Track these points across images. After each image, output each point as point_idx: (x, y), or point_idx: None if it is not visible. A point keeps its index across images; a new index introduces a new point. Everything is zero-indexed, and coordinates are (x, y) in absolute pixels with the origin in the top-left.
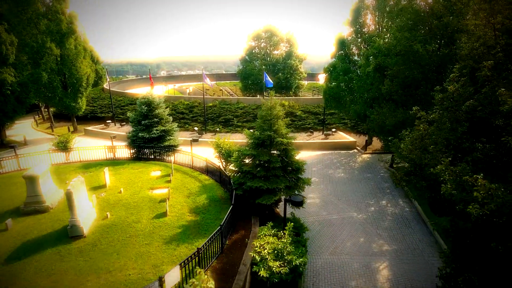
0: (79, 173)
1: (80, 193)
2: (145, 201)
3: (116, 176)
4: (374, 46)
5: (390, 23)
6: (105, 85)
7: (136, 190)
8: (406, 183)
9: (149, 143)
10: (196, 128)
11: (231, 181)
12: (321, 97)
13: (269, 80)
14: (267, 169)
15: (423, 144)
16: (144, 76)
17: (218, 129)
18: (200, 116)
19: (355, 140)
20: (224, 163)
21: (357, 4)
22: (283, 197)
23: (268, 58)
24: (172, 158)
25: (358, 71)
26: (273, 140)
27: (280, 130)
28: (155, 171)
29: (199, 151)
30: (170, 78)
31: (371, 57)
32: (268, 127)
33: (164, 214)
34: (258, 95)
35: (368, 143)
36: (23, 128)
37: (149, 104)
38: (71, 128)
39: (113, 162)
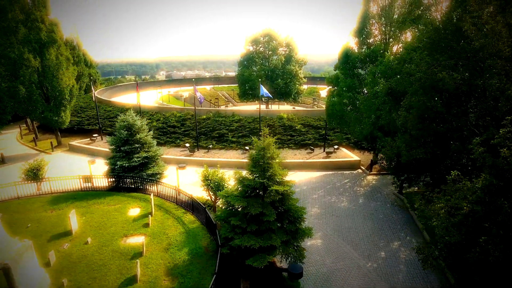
0: (47, 210)
1: (26, 262)
2: (114, 257)
3: (87, 216)
4: (383, 62)
5: (398, 32)
6: (95, 93)
7: (106, 238)
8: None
9: (130, 172)
10: (187, 145)
11: (217, 234)
12: (323, 108)
13: (266, 92)
14: (260, 222)
15: (468, 226)
16: (139, 80)
17: (211, 145)
18: (193, 130)
19: (359, 159)
20: (213, 196)
21: (363, 12)
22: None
23: (267, 63)
24: (155, 188)
25: (365, 89)
26: (266, 187)
27: (275, 175)
28: (133, 208)
29: (188, 174)
30: (167, 82)
31: (379, 74)
32: (260, 172)
33: (134, 279)
34: (256, 101)
35: (374, 162)
36: (7, 140)
37: (130, 128)
38: (54, 143)
39: (89, 194)
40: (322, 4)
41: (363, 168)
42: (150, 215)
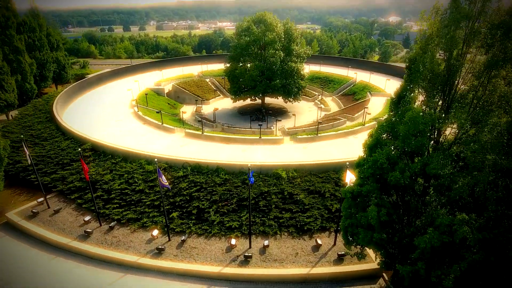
0: None
1: None
2: None
3: None
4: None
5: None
6: (56, 110)
7: None
8: None
9: None
10: (155, 233)
11: None
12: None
13: (252, 179)
14: None
15: None
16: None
17: (186, 234)
18: (167, 196)
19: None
20: None
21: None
22: None
23: (263, 59)
24: None
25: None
26: None
27: None
28: None
29: None
30: (150, 65)
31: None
32: None
33: None
34: (249, 98)
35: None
36: None
37: None
38: None
39: None
40: None
41: (386, 278)
42: None
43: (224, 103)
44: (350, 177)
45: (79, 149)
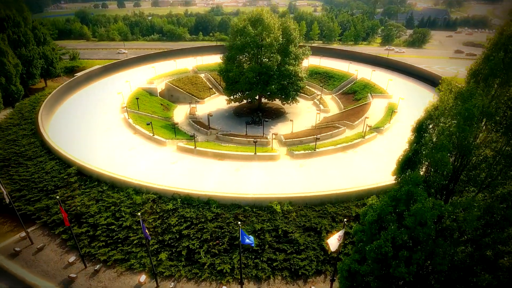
0: None
1: None
2: None
3: None
4: None
5: None
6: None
7: None
8: None
9: None
10: (143, 278)
11: None
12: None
13: (248, 240)
14: None
15: None
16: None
17: (178, 274)
18: (154, 231)
19: None
20: None
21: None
22: None
23: (259, 61)
24: None
25: None
26: None
27: None
28: None
29: None
30: (141, 60)
31: None
32: None
33: None
34: (244, 101)
35: None
36: None
37: None
38: None
39: None
40: None
41: None
42: None
43: (219, 102)
44: (335, 241)
45: (57, 196)
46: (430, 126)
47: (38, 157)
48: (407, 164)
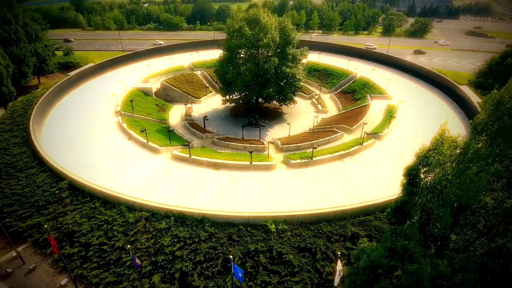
0: None
1: None
2: None
3: None
4: None
5: None
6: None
7: None
8: None
9: None
10: None
11: None
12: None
13: (239, 274)
14: None
15: None
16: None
17: None
18: (146, 251)
19: None
20: None
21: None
22: None
23: (256, 62)
24: None
25: None
26: None
27: None
28: None
29: None
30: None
31: None
32: None
33: None
34: (239, 101)
35: None
36: None
37: None
38: None
39: None
40: None
41: None
42: None
43: (215, 101)
44: (337, 276)
45: (45, 225)
46: (423, 171)
47: (29, 169)
48: (399, 210)
